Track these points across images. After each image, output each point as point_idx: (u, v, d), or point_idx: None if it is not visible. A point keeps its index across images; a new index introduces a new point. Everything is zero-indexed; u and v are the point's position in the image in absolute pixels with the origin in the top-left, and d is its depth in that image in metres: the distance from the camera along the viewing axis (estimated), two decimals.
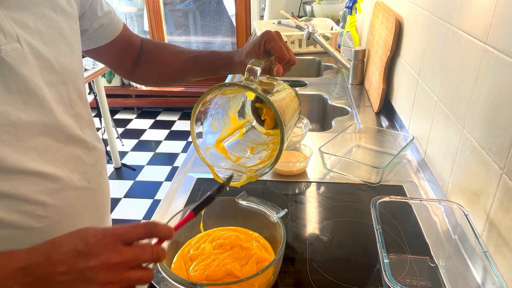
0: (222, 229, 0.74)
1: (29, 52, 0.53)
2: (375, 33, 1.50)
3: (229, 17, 3.84)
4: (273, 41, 0.68)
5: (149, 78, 0.90)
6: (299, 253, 0.75)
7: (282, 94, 0.67)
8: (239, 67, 0.75)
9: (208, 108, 0.65)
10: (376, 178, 0.95)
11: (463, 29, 0.79)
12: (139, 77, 0.89)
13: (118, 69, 0.88)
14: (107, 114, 2.71)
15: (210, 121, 0.67)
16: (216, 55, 0.79)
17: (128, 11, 3.89)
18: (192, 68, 0.82)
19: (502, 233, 0.63)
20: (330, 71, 1.84)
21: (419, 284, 0.68)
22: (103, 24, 0.75)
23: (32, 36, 0.54)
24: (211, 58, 0.80)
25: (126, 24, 0.83)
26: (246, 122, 0.74)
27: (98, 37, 0.77)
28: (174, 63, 0.84)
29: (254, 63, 0.62)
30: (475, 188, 0.72)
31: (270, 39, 0.69)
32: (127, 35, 0.83)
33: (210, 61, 0.80)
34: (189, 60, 0.82)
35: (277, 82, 0.70)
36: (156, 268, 0.60)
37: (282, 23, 2.15)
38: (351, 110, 1.39)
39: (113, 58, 0.84)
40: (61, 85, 0.60)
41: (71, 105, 0.63)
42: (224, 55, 0.78)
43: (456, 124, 0.81)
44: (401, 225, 0.80)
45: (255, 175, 0.65)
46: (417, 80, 1.07)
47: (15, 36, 0.52)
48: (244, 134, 0.73)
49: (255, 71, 0.61)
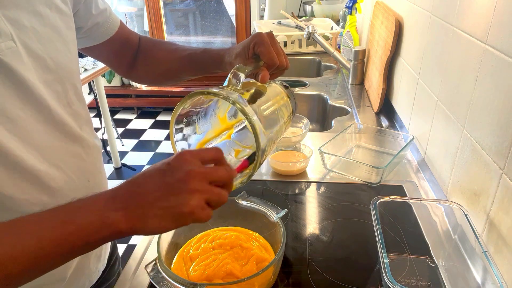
0: (222, 229, 0.74)
1: (23, 50, 0.53)
2: (375, 33, 1.50)
3: (229, 17, 3.84)
4: (263, 46, 0.64)
5: (146, 77, 0.89)
6: (299, 253, 0.75)
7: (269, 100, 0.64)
8: (229, 67, 0.72)
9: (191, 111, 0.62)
10: (376, 178, 0.95)
11: (463, 29, 0.79)
12: (137, 75, 0.88)
13: (116, 67, 0.88)
14: (107, 114, 2.71)
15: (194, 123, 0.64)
16: (208, 53, 0.78)
17: (128, 11, 3.89)
18: (187, 67, 0.81)
19: (502, 233, 0.63)
20: (330, 71, 1.84)
21: (419, 284, 0.68)
22: (99, 23, 0.75)
23: (27, 35, 0.54)
24: (203, 57, 0.78)
25: (123, 23, 0.82)
26: (238, 122, 0.71)
27: (93, 35, 0.76)
28: (169, 61, 0.83)
29: (238, 68, 0.60)
30: (475, 188, 0.72)
31: (259, 43, 0.65)
32: (125, 34, 0.82)
33: (202, 60, 0.79)
34: (184, 58, 0.81)
35: (270, 84, 0.68)
36: (156, 268, 0.60)
37: (282, 23, 2.15)
38: (351, 110, 1.39)
39: (111, 56, 0.84)
40: (57, 84, 0.60)
41: (69, 104, 0.63)
42: (214, 54, 0.76)
43: (456, 124, 0.81)
44: (401, 225, 0.80)
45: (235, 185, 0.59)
46: (417, 80, 1.07)
47: (9, 35, 0.52)
48: (233, 135, 0.69)
49: (238, 77, 0.59)
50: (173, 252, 0.70)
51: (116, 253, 0.88)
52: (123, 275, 0.72)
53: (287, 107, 0.69)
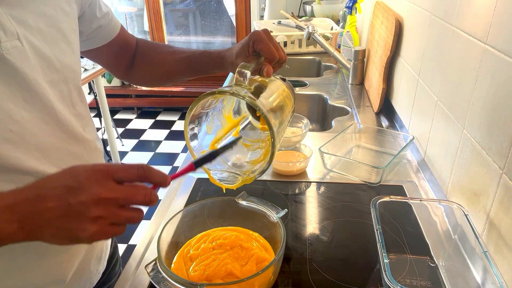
0: (222, 229, 0.74)
1: (30, 50, 0.53)
2: (375, 33, 1.50)
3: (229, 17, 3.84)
4: (262, 42, 0.68)
5: (143, 79, 0.90)
6: (299, 253, 0.75)
7: (274, 93, 0.67)
8: (231, 68, 0.75)
9: (201, 112, 0.65)
10: (376, 178, 0.95)
11: (463, 29, 0.79)
12: (134, 77, 0.89)
13: (114, 69, 0.88)
14: (107, 114, 2.71)
15: (204, 124, 0.67)
16: (208, 55, 0.79)
17: (128, 11, 3.89)
18: (185, 68, 0.83)
19: (502, 233, 0.63)
20: (330, 71, 1.84)
21: (419, 284, 0.68)
22: (102, 25, 0.76)
23: (32, 34, 0.54)
24: (203, 58, 0.80)
25: (123, 25, 0.83)
26: (242, 119, 0.75)
27: (96, 38, 0.77)
28: (167, 64, 0.84)
29: (243, 66, 0.63)
30: (475, 188, 0.72)
31: (258, 40, 0.68)
32: (124, 36, 0.83)
33: (202, 61, 0.80)
34: (182, 60, 0.82)
35: (270, 79, 0.70)
36: (156, 268, 0.60)
37: (282, 23, 2.15)
38: (351, 110, 1.39)
39: (110, 59, 0.85)
40: (62, 84, 0.60)
41: (72, 104, 0.63)
42: (215, 55, 0.78)
43: (456, 124, 0.81)
44: (401, 225, 0.80)
45: (250, 178, 0.65)
46: (417, 80, 1.07)
47: (15, 34, 0.52)
48: (240, 131, 0.73)
49: (244, 74, 0.62)
50: (173, 252, 0.70)
51: (117, 254, 0.88)
52: (123, 275, 0.72)
53: (289, 98, 0.72)
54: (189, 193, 0.93)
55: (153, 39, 3.71)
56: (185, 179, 0.98)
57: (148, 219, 0.85)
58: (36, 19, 0.55)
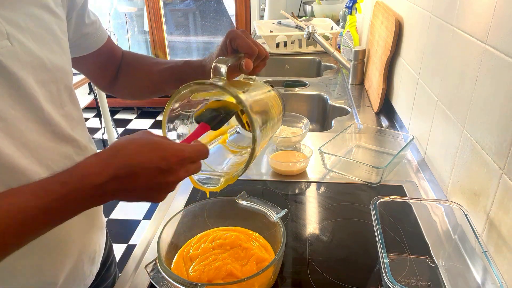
0: (222, 229, 0.74)
1: (20, 50, 0.54)
2: (375, 33, 1.50)
3: (229, 17, 3.84)
4: (238, 38, 0.66)
5: (127, 89, 0.89)
6: (299, 253, 0.75)
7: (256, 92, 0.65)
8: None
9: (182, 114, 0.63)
10: (376, 178, 0.95)
11: (463, 29, 0.79)
12: (118, 89, 0.88)
13: (99, 80, 0.88)
14: (107, 114, 2.71)
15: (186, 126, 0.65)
16: (190, 65, 0.79)
17: (128, 11, 3.89)
18: (168, 79, 0.82)
19: (502, 233, 0.63)
20: (330, 71, 1.84)
21: (419, 284, 0.68)
22: (89, 33, 0.75)
23: (23, 35, 0.54)
24: (185, 68, 0.79)
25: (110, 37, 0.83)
26: (230, 128, 0.73)
27: (83, 45, 0.77)
28: (150, 73, 0.84)
29: (219, 61, 0.60)
30: (475, 188, 0.72)
31: (234, 37, 0.67)
32: (111, 47, 0.83)
33: (184, 71, 0.79)
34: (164, 71, 0.82)
35: (254, 82, 0.69)
36: (156, 268, 0.60)
37: (282, 23, 2.16)
38: (351, 110, 1.39)
39: (95, 69, 0.84)
40: (52, 84, 0.60)
41: (61, 104, 0.63)
42: (196, 65, 0.78)
43: (456, 124, 0.81)
44: (401, 225, 0.80)
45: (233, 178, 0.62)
46: (417, 80, 1.07)
47: (4, 34, 0.52)
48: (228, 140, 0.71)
49: (219, 69, 0.59)
50: (173, 252, 0.70)
51: (112, 256, 0.88)
52: (123, 275, 0.72)
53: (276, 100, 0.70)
54: (189, 193, 0.93)
55: (153, 39, 3.71)
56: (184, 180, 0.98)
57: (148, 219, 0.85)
58: (26, 20, 0.56)
